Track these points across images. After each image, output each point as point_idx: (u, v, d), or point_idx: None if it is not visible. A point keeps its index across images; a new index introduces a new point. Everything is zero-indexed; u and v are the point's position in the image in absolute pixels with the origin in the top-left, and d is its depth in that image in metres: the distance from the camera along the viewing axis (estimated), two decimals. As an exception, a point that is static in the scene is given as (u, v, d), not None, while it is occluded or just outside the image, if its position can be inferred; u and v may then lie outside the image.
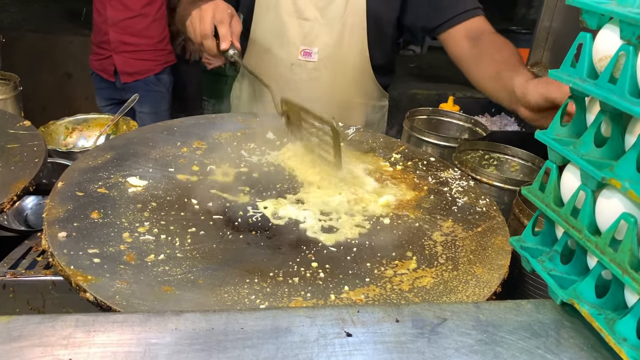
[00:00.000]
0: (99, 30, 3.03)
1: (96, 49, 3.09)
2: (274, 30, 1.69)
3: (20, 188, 1.04)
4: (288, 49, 1.69)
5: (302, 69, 1.70)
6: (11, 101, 1.59)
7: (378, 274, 0.94)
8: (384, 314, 0.69)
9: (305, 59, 1.68)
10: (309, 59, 1.68)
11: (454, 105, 1.86)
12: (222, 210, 1.10)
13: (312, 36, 1.67)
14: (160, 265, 0.91)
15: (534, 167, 1.50)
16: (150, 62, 3.09)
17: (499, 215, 1.16)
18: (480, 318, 0.70)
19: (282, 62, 1.71)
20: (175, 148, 1.32)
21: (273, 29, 1.69)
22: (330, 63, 1.70)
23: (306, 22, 1.66)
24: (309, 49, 1.67)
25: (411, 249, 1.03)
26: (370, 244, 1.03)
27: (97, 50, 3.09)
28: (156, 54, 3.10)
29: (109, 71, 3.07)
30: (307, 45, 1.67)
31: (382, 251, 1.01)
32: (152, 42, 3.07)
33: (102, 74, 3.10)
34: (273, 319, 0.67)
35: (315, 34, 1.67)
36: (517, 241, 0.82)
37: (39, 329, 0.63)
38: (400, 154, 1.41)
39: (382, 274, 0.94)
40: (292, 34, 1.67)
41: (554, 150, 0.73)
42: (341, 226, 1.08)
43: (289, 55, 1.69)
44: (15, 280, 0.96)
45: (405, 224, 1.11)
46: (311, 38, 1.67)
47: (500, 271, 0.97)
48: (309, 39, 1.67)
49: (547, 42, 1.94)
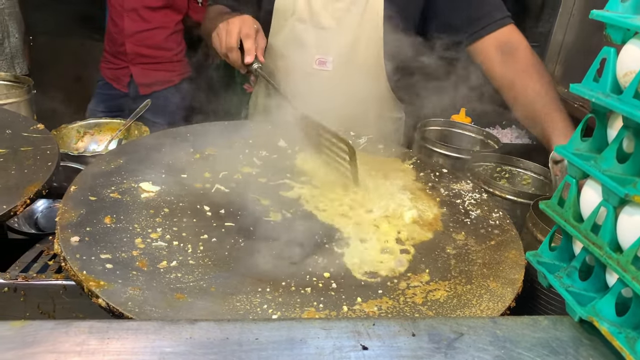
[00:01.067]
0: (114, 40, 2.98)
1: (110, 57, 3.04)
2: (291, 38, 1.69)
3: (34, 191, 1.04)
4: (304, 58, 1.69)
5: (317, 78, 1.70)
6: (24, 104, 1.60)
7: (391, 286, 0.93)
8: (400, 328, 0.68)
9: (321, 67, 1.68)
10: (324, 68, 1.68)
11: (465, 117, 1.85)
12: (234, 217, 1.10)
13: (328, 45, 1.67)
14: (173, 272, 0.90)
15: (545, 181, 1.49)
16: (167, 74, 3.05)
17: (513, 229, 1.15)
18: (497, 334, 0.69)
19: (297, 71, 1.70)
20: (187, 154, 1.31)
21: (290, 37, 1.69)
22: (345, 72, 1.70)
23: (322, 30, 1.66)
24: (324, 57, 1.67)
25: (424, 261, 1.02)
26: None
27: (111, 59, 3.04)
28: (173, 66, 3.07)
29: (123, 82, 3.03)
30: (322, 54, 1.67)
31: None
32: (169, 54, 3.03)
33: (113, 83, 3.06)
34: (288, 330, 0.66)
35: (331, 43, 1.67)
36: (534, 256, 0.81)
37: (53, 335, 0.62)
38: (413, 165, 1.40)
39: (395, 286, 0.93)
40: (308, 42, 1.67)
41: (574, 165, 0.72)
42: (352, 237, 1.07)
43: (304, 64, 1.69)
44: (27, 283, 0.95)
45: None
46: (326, 47, 1.67)
47: (515, 285, 0.96)
48: (325, 48, 1.67)
49: (559, 56, 1.93)
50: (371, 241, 1.06)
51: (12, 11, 2.75)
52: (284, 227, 1.09)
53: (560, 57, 1.93)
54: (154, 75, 3.00)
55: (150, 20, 2.91)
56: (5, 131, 1.30)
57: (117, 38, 2.95)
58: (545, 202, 0.80)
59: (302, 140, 1.40)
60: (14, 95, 1.56)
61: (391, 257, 1.02)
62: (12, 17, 2.75)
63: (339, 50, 1.67)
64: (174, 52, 3.06)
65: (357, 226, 1.10)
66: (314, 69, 1.68)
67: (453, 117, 1.88)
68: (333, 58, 1.68)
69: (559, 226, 0.77)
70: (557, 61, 1.94)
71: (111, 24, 2.99)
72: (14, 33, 2.77)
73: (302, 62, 1.69)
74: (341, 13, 1.65)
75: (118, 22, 2.93)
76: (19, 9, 2.86)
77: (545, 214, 0.80)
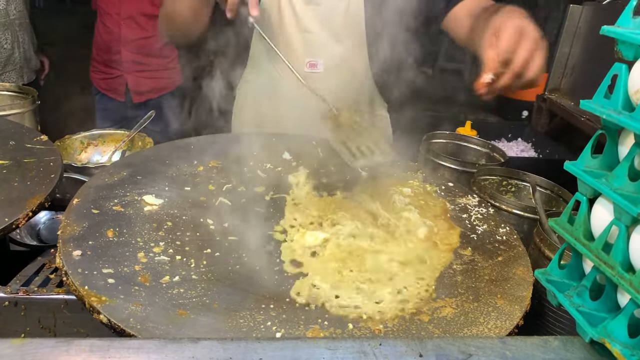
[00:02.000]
0: (107, 48, 2.94)
1: (102, 67, 3.00)
2: (279, 44, 1.69)
3: (36, 204, 1.03)
4: (293, 62, 1.68)
5: (309, 81, 1.70)
6: (28, 115, 1.60)
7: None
8: (406, 348, 0.66)
9: (312, 70, 1.68)
10: (315, 70, 1.68)
11: (471, 130, 1.84)
12: (238, 231, 1.08)
13: (317, 48, 1.68)
14: (175, 287, 0.89)
15: (552, 195, 1.47)
16: (163, 81, 3.05)
17: (520, 245, 1.13)
18: (507, 355, 0.67)
19: (288, 75, 1.70)
20: (191, 166, 1.31)
21: (277, 43, 1.69)
22: (336, 73, 1.71)
23: (309, 34, 1.66)
24: (315, 60, 1.67)
25: (430, 277, 1.00)
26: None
27: (103, 69, 3.00)
28: (167, 74, 3.07)
29: (119, 91, 3.00)
30: (312, 57, 1.68)
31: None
32: (164, 62, 3.02)
33: (109, 93, 3.03)
34: (292, 350, 0.65)
35: (319, 46, 1.68)
36: (543, 274, 0.80)
37: (53, 354, 0.61)
38: (417, 179, 1.39)
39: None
40: (297, 46, 1.67)
41: (584, 182, 0.71)
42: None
43: (296, 68, 1.69)
44: (28, 298, 0.94)
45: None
46: (316, 50, 1.68)
47: (522, 303, 0.94)
48: (314, 51, 1.68)
49: (565, 68, 1.92)
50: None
51: (22, 22, 2.77)
52: (287, 242, 1.07)
53: (567, 71, 1.92)
54: (148, 83, 2.99)
55: (147, 27, 2.90)
56: (8, 142, 1.29)
57: (111, 46, 2.93)
58: (554, 220, 0.78)
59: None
60: (18, 106, 1.56)
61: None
62: (22, 27, 2.76)
63: (327, 53, 1.68)
64: (169, 60, 3.05)
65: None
66: (306, 72, 1.68)
67: (458, 130, 1.87)
68: (323, 60, 1.68)
69: (568, 244, 0.76)
70: (564, 74, 1.93)
71: (104, 31, 2.95)
72: (23, 43, 2.79)
73: (293, 65, 1.69)
74: (323, 17, 1.66)
75: (114, 29, 2.90)
76: (29, 19, 2.87)
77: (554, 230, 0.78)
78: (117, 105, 3.03)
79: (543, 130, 2.12)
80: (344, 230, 1.11)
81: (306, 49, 1.68)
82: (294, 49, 1.68)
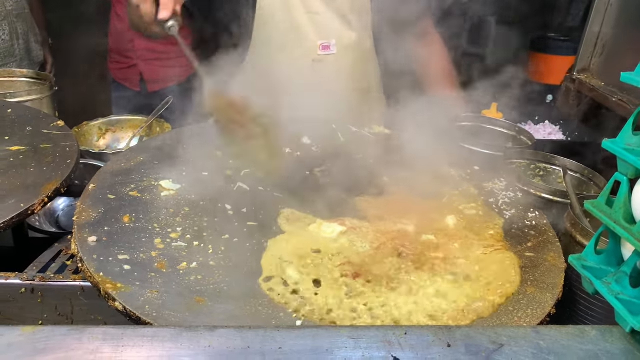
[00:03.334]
0: (120, 37, 2.85)
1: (117, 57, 2.92)
2: (288, 29, 1.64)
3: (52, 190, 1.01)
4: (306, 46, 1.64)
5: (323, 64, 1.66)
6: (46, 101, 1.58)
7: (422, 289, 0.88)
8: (434, 337, 0.63)
9: (325, 52, 1.64)
10: (329, 52, 1.64)
11: (497, 112, 1.78)
12: (256, 216, 1.06)
13: (327, 28, 1.64)
14: (193, 274, 0.86)
15: (582, 179, 1.41)
16: (178, 69, 3.00)
17: (550, 230, 1.08)
18: (541, 345, 0.63)
19: (301, 60, 1.66)
20: (209, 151, 1.28)
21: (286, 28, 1.64)
22: (350, 53, 1.67)
23: (317, 15, 1.62)
24: (327, 42, 1.63)
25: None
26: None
27: (118, 58, 2.92)
28: (181, 61, 3.01)
29: (134, 80, 2.95)
30: (324, 38, 1.63)
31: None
32: (178, 49, 2.98)
33: (125, 83, 3.00)
34: (313, 339, 0.61)
35: (329, 26, 1.64)
36: (578, 260, 0.75)
37: (66, 342, 0.59)
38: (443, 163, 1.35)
39: (426, 290, 0.88)
40: (307, 30, 1.63)
41: (625, 161, 0.66)
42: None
43: (308, 52, 1.65)
44: (44, 284, 0.92)
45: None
46: (327, 31, 1.64)
47: (554, 291, 0.90)
48: (325, 32, 1.64)
49: (596, 48, 1.84)
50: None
51: (20, 13, 2.74)
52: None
53: (597, 50, 1.84)
54: (163, 71, 2.94)
55: None
56: (25, 128, 1.28)
57: (124, 35, 2.88)
58: (591, 202, 0.73)
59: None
60: (35, 92, 1.55)
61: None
62: (20, 18, 2.74)
63: (339, 32, 1.64)
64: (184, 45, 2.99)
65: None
66: (319, 55, 1.64)
67: (484, 113, 1.81)
68: (336, 40, 1.64)
69: (606, 228, 0.71)
70: (594, 54, 1.86)
71: (117, 20, 2.90)
72: (22, 35, 2.77)
73: (305, 50, 1.64)
74: None
75: (127, 18, 2.85)
76: (30, 10, 2.85)
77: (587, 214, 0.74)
78: (133, 95, 2.99)
79: (571, 113, 2.04)
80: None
81: (316, 31, 1.64)
82: (304, 32, 1.64)
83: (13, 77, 1.70)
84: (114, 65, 3.00)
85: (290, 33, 1.64)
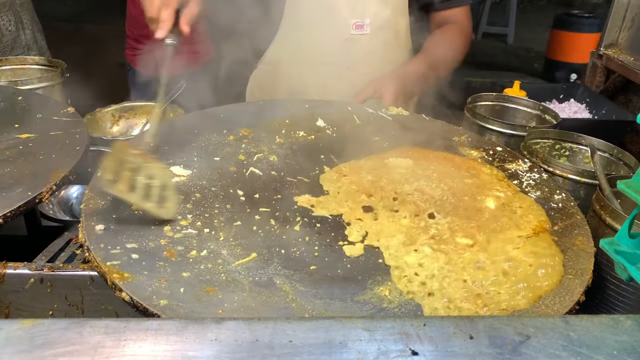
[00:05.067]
0: (136, 22, 2.81)
1: (134, 43, 2.89)
2: (320, 7, 1.59)
3: (60, 177, 0.99)
4: (339, 25, 1.59)
5: (356, 44, 1.61)
6: (58, 88, 1.56)
7: (442, 277, 0.84)
8: (455, 329, 0.58)
9: (359, 32, 1.59)
10: (362, 32, 1.59)
11: (520, 91, 1.71)
12: (269, 202, 1.02)
13: (362, 7, 1.58)
14: (203, 262, 0.83)
15: (611, 159, 1.35)
16: (192, 55, 2.96)
17: (578, 213, 1.03)
18: (572, 336, 0.59)
19: (332, 39, 1.61)
20: (221, 136, 1.24)
21: (318, 6, 1.59)
22: (384, 33, 1.62)
23: None
24: (361, 21, 1.58)
25: (478, 248, 0.92)
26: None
27: (134, 44, 2.89)
28: (198, 47, 2.98)
29: (149, 67, 2.95)
30: (358, 17, 1.58)
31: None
32: (193, 35, 2.93)
33: (141, 69, 2.99)
34: (326, 331, 0.58)
35: (364, 4, 1.58)
36: (610, 244, 0.70)
37: (65, 336, 0.56)
38: (463, 144, 1.29)
39: (447, 277, 0.84)
40: (342, 7, 1.57)
41: (663, 137, 0.61)
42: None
43: (340, 31, 1.60)
44: (53, 274, 0.90)
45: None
46: (361, 9, 1.58)
47: (584, 277, 0.85)
48: (359, 11, 1.58)
49: (624, 21, 1.76)
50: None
51: (24, 2, 2.73)
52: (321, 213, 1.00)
53: (625, 24, 1.76)
54: (178, 57, 2.90)
55: None
56: (35, 115, 1.26)
57: (140, 20, 2.84)
58: (624, 182, 0.68)
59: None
60: (46, 79, 1.53)
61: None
62: (23, 8, 2.73)
63: (374, 10, 1.59)
64: (197, 33, 2.94)
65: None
66: (352, 35, 1.59)
67: (506, 91, 1.74)
68: (370, 20, 1.58)
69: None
70: (622, 28, 1.77)
71: (132, 6, 2.88)
72: (28, 25, 2.75)
73: (337, 29, 1.59)
74: None
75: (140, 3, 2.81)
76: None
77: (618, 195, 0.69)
78: (149, 82, 2.96)
79: (598, 90, 1.96)
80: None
81: (351, 10, 1.59)
82: (338, 10, 1.59)
83: (25, 65, 1.68)
84: (131, 51, 2.98)
85: (322, 9, 1.59)
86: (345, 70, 1.61)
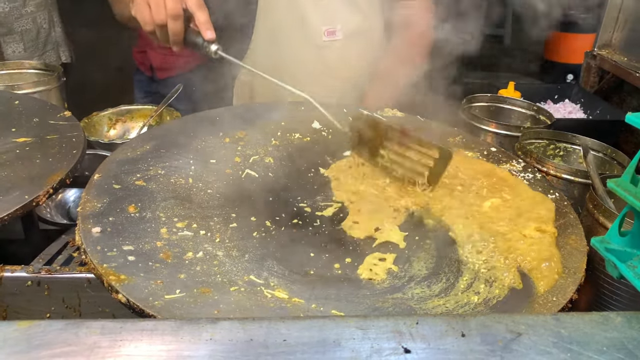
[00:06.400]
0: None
1: (139, 41, 3.02)
2: (291, 16, 1.59)
3: (56, 180, 0.99)
4: (310, 32, 1.59)
5: (329, 50, 1.61)
6: (55, 92, 1.57)
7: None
8: (447, 327, 0.59)
9: (330, 38, 1.59)
10: (334, 38, 1.59)
11: (514, 92, 1.72)
12: (264, 205, 1.03)
13: (332, 13, 1.58)
14: (198, 264, 0.84)
15: (605, 158, 1.36)
16: (186, 59, 2.96)
17: (571, 212, 1.04)
18: (562, 333, 0.59)
19: (305, 46, 1.61)
20: (217, 138, 1.25)
21: (289, 14, 1.59)
22: (357, 38, 1.62)
23: (321, 0, 1.57)
24: (332, 27, 1.58)
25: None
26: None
27: (139, 42, 3.02)
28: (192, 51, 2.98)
29: (146, 65, 2.99)
30: (329, 24, 1.58)
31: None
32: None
33: (141, 67, 3.02)
34: (319, 330, 0.59)
35: (335, 11, 1.58)
36: (601, 242, 0.71)
37: (62, 337, 0.57)
38: (457, 145, 1.30)
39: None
40: (312, 15, 1.57)
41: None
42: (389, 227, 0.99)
43: (312, 38, 1.60)
44: (50, 277, 0.91)
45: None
46: (332, 16, 1.58)
47: (576, 275, 0.86)
48: (330, 17, 1.58)
49: (617, 22, 1.77)
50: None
51: (53, 1, 2.77)
52: (316, 214, 1.01)
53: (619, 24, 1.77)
54: (171, 60, 2.92)
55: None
56: (32, 119, 1.26)
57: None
58: (614, 181, 0.69)
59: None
60: (43, 83, 1.53)
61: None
62: (53, 7, 2.77)
63: (345, 17, 1.59)
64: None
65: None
66: (324, 42, 1.59)
67: (501, 92, 1.76)
68: (342, 26, 1.58)
69: (631, 208, 0.67)
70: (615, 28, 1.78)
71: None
72: (58, 22, 2.79)
73: (309, 36, 1.59)
74: None
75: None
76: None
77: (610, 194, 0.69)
78: (147, 80, 3.00)
79: (592, 90, 1.97)
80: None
81: (322, 16, 1.59)
82: (309, 18, 1.59)
83: (22, 69, 1.68)
84: (136, 48, 3.02)
85: (293, 17, 1.59)
86: (320, 76, 1.61)
